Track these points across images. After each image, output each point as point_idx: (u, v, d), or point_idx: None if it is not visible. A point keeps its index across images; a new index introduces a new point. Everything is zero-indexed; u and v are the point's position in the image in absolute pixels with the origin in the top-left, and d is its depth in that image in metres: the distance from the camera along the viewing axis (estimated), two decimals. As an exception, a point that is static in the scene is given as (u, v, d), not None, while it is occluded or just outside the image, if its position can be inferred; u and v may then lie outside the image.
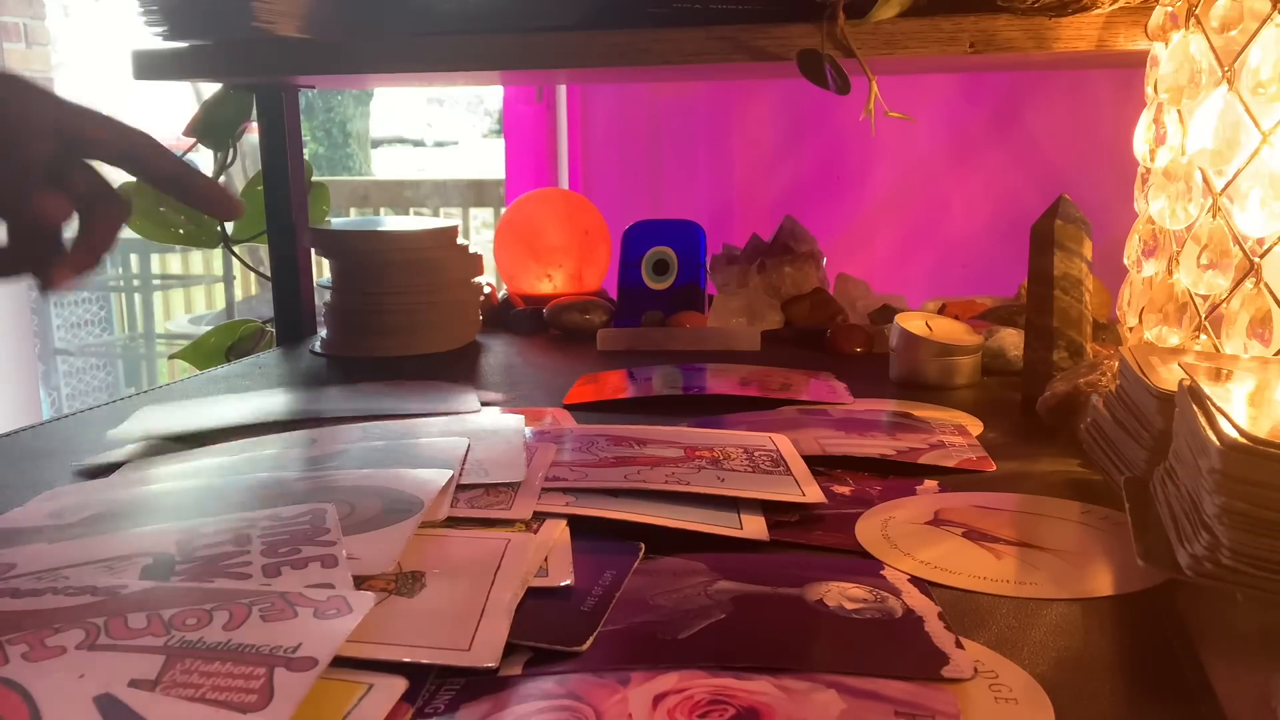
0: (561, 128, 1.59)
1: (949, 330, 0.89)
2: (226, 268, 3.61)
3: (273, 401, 0.83)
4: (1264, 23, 0.59)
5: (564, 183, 1.59)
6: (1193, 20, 0.64)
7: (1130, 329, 0.74)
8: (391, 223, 1.12)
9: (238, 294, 3.64)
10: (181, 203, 0.56)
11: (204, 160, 1.27)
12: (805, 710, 0.36)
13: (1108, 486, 0.60)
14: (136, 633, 0.39)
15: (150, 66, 1.00)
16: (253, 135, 1.18)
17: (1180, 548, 0.43)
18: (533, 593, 0.46)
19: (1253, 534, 0.39)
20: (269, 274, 1.16)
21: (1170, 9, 0.68)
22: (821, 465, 0.64)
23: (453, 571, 0.47)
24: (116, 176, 0.57)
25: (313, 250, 1.14)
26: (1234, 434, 0.40)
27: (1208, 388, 0.47)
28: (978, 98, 1.36)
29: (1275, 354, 0.60)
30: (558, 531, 0.52)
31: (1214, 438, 0.41)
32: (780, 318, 1.12)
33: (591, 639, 0.42)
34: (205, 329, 1.32)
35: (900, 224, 1.42)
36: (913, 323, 0.89)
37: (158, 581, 0.45)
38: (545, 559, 0.49)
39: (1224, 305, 0.62)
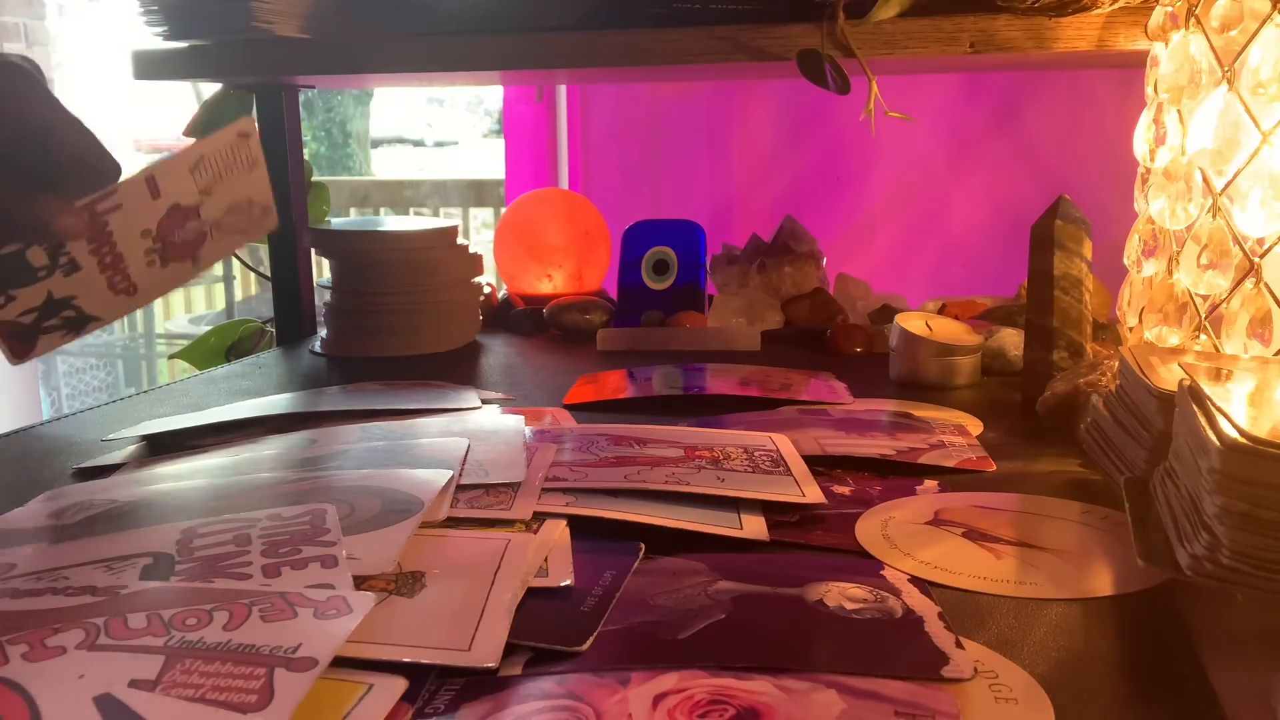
0: (561, 128, 1.59)
1: (949, 330, 0.89)
2: (226, 268, 3.60)
3: (272, 402, 0.83)
4: (1264, 23, 0.59)
5: (564, 183, 1.59)
6: (1193, 20, 0.64)
7: (1130, 329, 0.74)
8: (391, 223, 1.12)
9: (238, 294, 3.63)
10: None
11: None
12: (805, 710, 0.36)
13: (1108, 486, 0.60)
14: (136, 633, 0.39)
15: (150, 66, 1.00)
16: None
17: (1180, 548, 0.43)
18: (533, 593, 0.46)
19: (1253, 534, 0.39)
20: (269, 274, 1.16)
21: (1170, 9, 0.68)
22: (821, 465, 0.64)
23: (453, 571, 0.47)
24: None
25: (313, 250, 1.14)
26: (1234, 434, 0.40)
27: (1208, 388, 0.47)
28: (978, 98, 1.36)
29: (1275, 354, 0.60)
30: (558, 531, 0.52)
31: (1214, 438, 0.41)
32: (780, 318, 1.12)
33: (591, 639, 0.42)
34: (205, 329, 1.32)
35: (900, 224, 1.42)
36: (913, 323, 0.89)
37: (158, 581, 0.45)
38: (545, 559, 0.49)
39: (1224, 305, 0.62)
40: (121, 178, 0.56)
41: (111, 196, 0.58)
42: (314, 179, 1.25)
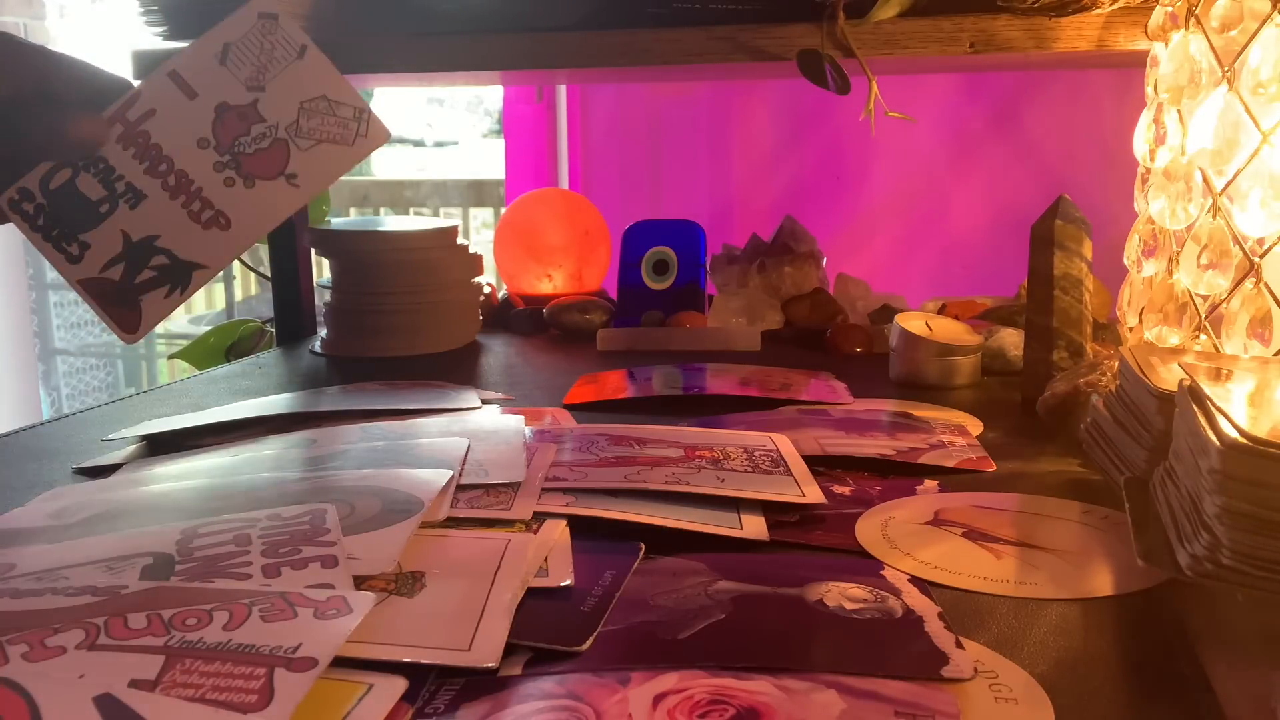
0: (561, 128, 1.59)
1: (949, 330, 0.89)
2: (226, 268, 3.60)
3: (272, 402, 0.83)
4: (1264, 23, 0.59)
5: (564, 183, 1.59)
6: (1193, 20, 0.64)
7: (1130, 329, 0.74)
8: (391, 223, 1.12)
9: (238, 294, 3.63)
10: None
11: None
12: (805, 710, 0.36)
13: (1108, 486, 0.60)
14: (136, 633, 0.39)
15: (150, 67, 1.00)
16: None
17: (1180, 548, 0.43)
18: (533, 593, 0.46)
19: (1253, 534, 0.39)
20: (269, 274, 1.16)
21: (1170, 9, 0.68)
22: (821, 465, 0.64)
23: (453, 571, 0.47)
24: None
25: (313, 250, 1.14)
26: (1234, 434, 0.40)
27: (1208, 388, 0.47)
28: (978, 98, 1.36)
29: (1275, 354, 0.60)
30: (558, 531, 0.52)
31: (1214, 438, 0.41)
32: (780, 318, 1.12)
33: (591, 639, 0.42)
34: (205, 329, 1.32)
35: (900, 224, 1.42)
36: (913, 323, 0.89)
37: (158, 581, 0.45)
38: (545, 559, 0.49)
39: (1224, 305, 0.62)
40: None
41: (138, 101, 0.55)
42: (314, 179, 1.25)
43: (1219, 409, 0.43)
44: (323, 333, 1.09)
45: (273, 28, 0.58)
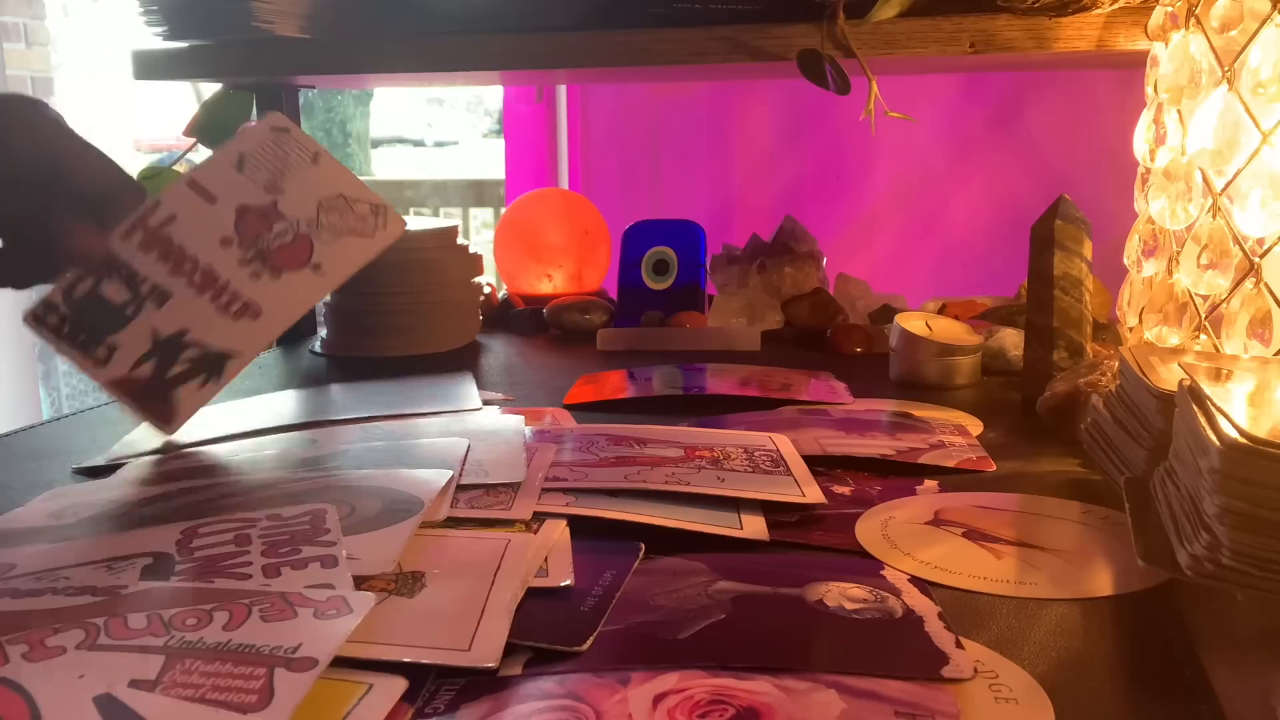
0: (561, 128, 1.59)
1: (949, 330, 0.89)
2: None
3: (272, 402, 0.83)
4: (1264, 23, 0.59)
5: (564, 183, 1.59)
6: (1193, 20, 0.64)
7: (1130, 329, 0.74)
8: (391, 223, 1.12)
9: (238, 294, 3.63)
10: None
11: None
12: (805, 710, 0.36)
13: (1108, 486, 0.60)
14: (136, 633, 0.39)
15: (150, 66, 1.00)
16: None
17: (1180, 548, 0.43)
18: (533, 593, 0.46)
19: (1253, 534, 0.39)
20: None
21: (1170, 9, 0.68)
22: (821, 465, 0.64)
23: (453, 571, 0.47)
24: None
25: (313, 250, 1.14)
26: (1234, 434, 0.40)
27: (1208, 388, 0.47)
28: (978, 98, 1.36)
29: (1275, 354, 0.60)
30: (558, 532, 0.52)
31: (1214, 438, 0.41)
32: (780, 318, 1.12)
33: (591, 639, 0.42)
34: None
35: (900, 224, 1.42)
36: (913, 323, 0.89)
37: (158, 581, 0.45)
38: (545, 559, 0.49)
39: (1224, 305, 0.62)
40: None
41: (158, 209, 0.56)
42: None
43: (1219, 409, 0.43)
44: (323, 333, 1.09)
45: (285, 139, 0.60)
